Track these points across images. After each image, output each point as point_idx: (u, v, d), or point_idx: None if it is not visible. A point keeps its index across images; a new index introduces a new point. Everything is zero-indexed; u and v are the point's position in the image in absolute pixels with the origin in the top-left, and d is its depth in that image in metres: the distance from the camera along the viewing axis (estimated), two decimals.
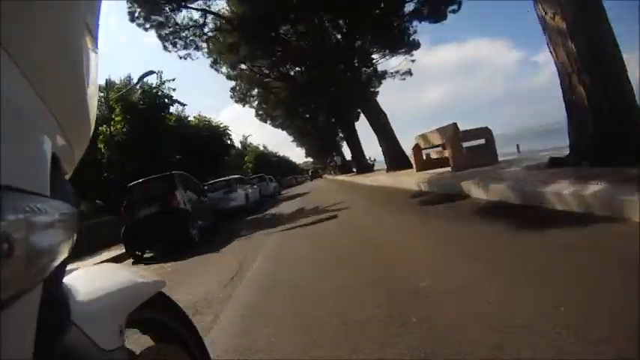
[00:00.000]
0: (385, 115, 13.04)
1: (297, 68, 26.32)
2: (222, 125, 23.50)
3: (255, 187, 16.80)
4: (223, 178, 13.62)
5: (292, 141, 54.78)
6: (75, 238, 0.45)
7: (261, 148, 53.43)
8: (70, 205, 0.45)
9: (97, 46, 0.58)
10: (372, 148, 26.04)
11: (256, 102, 29.16)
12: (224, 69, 23.21)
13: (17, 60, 0.36)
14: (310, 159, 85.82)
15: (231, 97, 27.42)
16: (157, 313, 0.84)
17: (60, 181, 0.48)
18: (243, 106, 27.89)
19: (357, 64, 22.34)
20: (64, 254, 0.42)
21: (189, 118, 22.25)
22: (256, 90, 28.30)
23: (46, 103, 0.42)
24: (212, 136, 22.36)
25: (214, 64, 22.31)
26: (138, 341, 0.83)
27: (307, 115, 36.57)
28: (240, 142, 50.75)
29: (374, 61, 23.87)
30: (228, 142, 24.99)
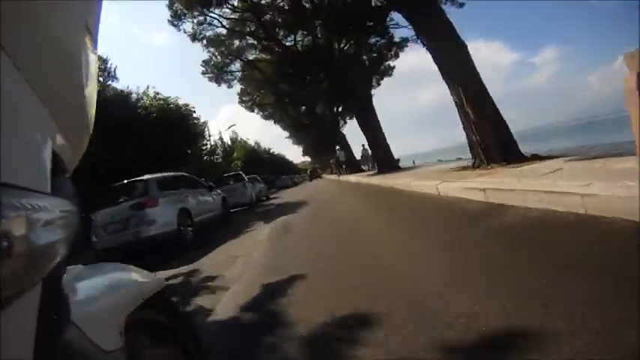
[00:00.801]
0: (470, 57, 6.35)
1: (290, 38, 20.28)
2: (184, 106, 17.32)
3: (217, 192, 10.45)
4: (130, 180, 7.20)
5: (287, 137, 48.55)
6: (74, 235, 0.45)
7: (252, 143, 46.89)
8: (70, 203, 0.45)
9: (96, 47, 0.58)
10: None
11: (235, 81, 22.72)
12: (187, 25, 16.97)
13: (17, 60, 0.36)
14: (308, 158, 79.37)
15: (204, 74, 21.11)
16: (156, 314, 0.81)
17: (61, 179, 0.48)
18: (219, 85, 21.56)
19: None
20: (63, 252, 0.41)
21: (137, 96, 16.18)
22: (238, 64, 22.01)
23: (46, 103, 0.42)
24: (171, 119, 16.17)
25: (174, 19, 16.11)
26: (137, 343, 0.73)
27: (302, 106, 30.30)
28: (230, 139, 44.66)
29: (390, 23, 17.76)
30: (199, 130, 18.81)
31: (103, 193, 7.06)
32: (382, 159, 13.47)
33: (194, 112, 17.76)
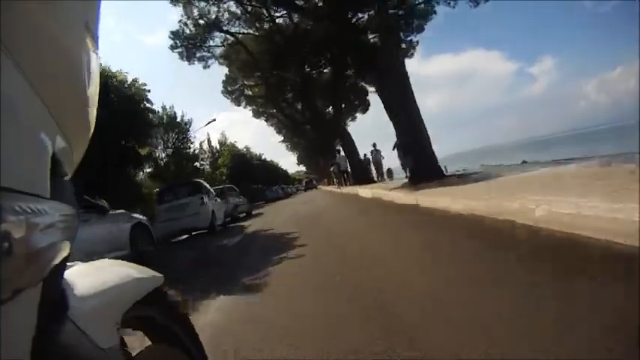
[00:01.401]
0: None
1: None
2: (132, 83, 12.29)
3: (119, 219, 5.37)
4: None
5: (281, 141, 43.54)
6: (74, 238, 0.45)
7: (241, 147, 41.70)
8: (70, 207, 0.45)
9: (97, 47, 0.57)
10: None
11: (213, 60, 17.67)
12: None
13: (17, 60, 0.35)
14: (303, 167, 73.98)
15: (173, 49, 16.05)
16: (154, 311, 0.81)
17: (60, 182, 0.48)
18: (190, 62, 16.50)
19: None
20: (63, 254, 0.41)
21: None
22: (218, 40, 17.03)
23: (46, 104, 0.42)
24: (112, 99, 11.15)
25: None
26: (135, 340, 0.76)
27: (298, 102, 25.46)
28: (219, 142, 39.49)
29: None
30: (151, 116, 13.38)
31: None
32: (420, 161, 8.28)
33: (148, 91, 12.72)
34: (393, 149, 12.86)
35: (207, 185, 10.42)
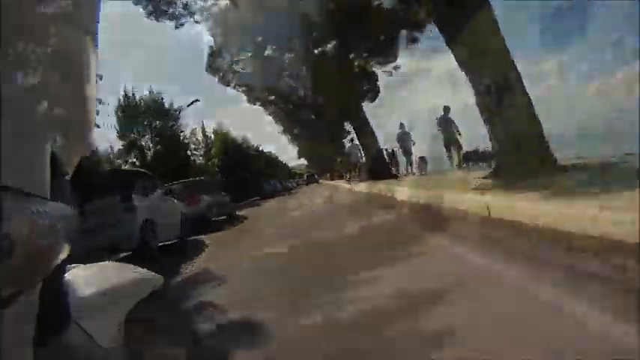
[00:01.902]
0: None
1: None
2: None
3: None
4: None
5: (280, 132, 39.47)
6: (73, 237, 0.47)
7: (238, 137, 37.65)
8: (69, 207, 0.46)
9: (96, 46, 0.57)
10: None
11: (188, 17, 13.66)
12: None
13: (17, 60, 0.36)
14: (304, 161, 69.98)
15: (136, 2, 12.20)
16: (155, 311, 0.81)
17: (60, 182, 0.49)
18: (158, 19, 12.55)
19: None
20: (63, 254, 0.42)
21: None
22: None
23: (46, 104, 0.42)
24: None
25: None
26: (136, 340, 0.70)
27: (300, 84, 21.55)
28: (215, 132, 35.51)
29: None
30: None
31: None
32: (516, 135, 4.22)
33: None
34: (439, 126, 8.87)
35: (152, 177, 6.58)
